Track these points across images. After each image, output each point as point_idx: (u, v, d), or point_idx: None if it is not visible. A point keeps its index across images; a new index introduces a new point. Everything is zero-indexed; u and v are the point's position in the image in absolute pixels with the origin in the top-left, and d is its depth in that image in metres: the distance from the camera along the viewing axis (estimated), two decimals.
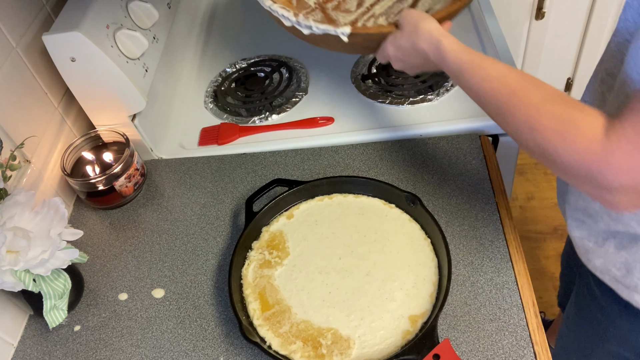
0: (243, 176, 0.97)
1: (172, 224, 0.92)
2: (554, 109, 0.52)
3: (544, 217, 1.87)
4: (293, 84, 1.13)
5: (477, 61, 0.62)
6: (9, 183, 0.82)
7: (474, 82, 0.62)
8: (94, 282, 0.86)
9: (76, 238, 0.79)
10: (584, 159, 0.49)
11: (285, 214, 0.85)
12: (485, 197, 0.85)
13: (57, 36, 0.84)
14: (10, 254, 0.71)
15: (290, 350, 0.69)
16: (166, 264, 0.87)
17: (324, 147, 0.99)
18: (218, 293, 0.82)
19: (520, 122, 0.55)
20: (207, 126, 1.07)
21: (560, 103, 0.52)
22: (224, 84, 1.16)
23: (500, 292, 0.74)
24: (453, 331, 0.72)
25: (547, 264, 1.75)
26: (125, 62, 0.92)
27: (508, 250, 0.78)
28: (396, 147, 0.96)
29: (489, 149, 0.94)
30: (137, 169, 0.95)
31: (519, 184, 1.97)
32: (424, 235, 0.78)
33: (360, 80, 1.09)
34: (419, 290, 0.72)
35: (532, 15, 1.77)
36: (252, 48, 1.23)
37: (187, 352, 0.76)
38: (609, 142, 0.48)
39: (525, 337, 0.70)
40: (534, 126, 0.53)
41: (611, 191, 0.49)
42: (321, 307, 0.73)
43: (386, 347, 0.68)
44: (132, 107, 0.95)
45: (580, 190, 0.53)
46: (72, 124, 1.01)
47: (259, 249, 0.81)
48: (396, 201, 0.83)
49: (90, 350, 0.78)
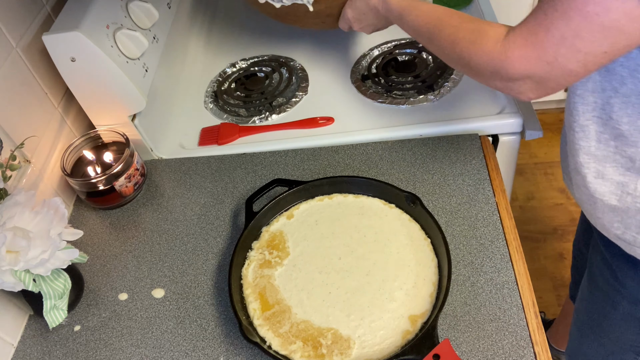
0: (243, 176, 0.97)
1: (172, 224, 0.92)
2: (468, 25, 0.66)
3: (544, 217, 1.87)
4: (293, 84, 1.13)
5: (414, 4, 0.78)
6: (9, 183, 0.82)
7: (411, 19, 0.78)
8: (94, 282, 0.86)
9: (76, 238, 0.79)
10: (490, 58, 0.61)
11: (285, 214, 0.85)
12: (485, 197, 0.85)
13: (57, 36, 0.84)
14: (10, 254, 0.71)
15: (290, 350, 0.69)
16: (166, 264, 0.87)
17: (324, 147, 0.99)
18: (218, 293, 0.82)
19: (443, 40, 0.70)
20: (207, 126, 1.07)
21: (474, 21, 0.66)
22: (224, 84, 1.16)
23: (500, 292, 0.74)
24: (453, 331, 0.72)
25: (547, 264, 1.75)
26: (125, 62, 0.92)
27: (508, 250, 0.78)
28: (396, 147, 0.96)
29: (489, 149, 0.94)
30: (137, 169, 0.95)
31: (519, 184, 1.97)
32: (424, 235, 0.78)
33: (360, 80, 1.09)
34: (419, 290, 0.72)
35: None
36: (252, 48, 1.23)
37: (187, 352, 0.76)
38: (507, 41, 0.60)
39: (525, 337, 0.70)
40: (454, 40, 0.68)
41: (514, 81, 0.60)
42: (321, 307, 0.73)
43: (386, 347, 0.68)
44: (132, 107, 0.95)
45: (494, 88, 0.65)
46: (72, 124, 1.01)
47: (259, 249, 0.81)
48: (396, 201, 0.83)
49: (90, 350, 0.78)
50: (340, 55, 1.17)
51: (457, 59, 0.68)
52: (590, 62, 0.56)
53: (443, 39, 0.70)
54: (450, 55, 0.70)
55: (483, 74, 0.64)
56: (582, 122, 0.69)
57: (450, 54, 0.69)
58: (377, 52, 1.14)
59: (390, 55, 1.12)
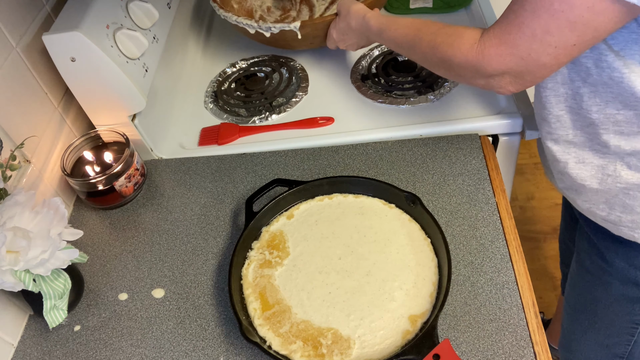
0: (243, 176, 0.97)
1: (172, 224, 0.92)
2: (445, 30, 0.72)
3: (544, 217, 1.87)
4: (293, 84, 1.13)
5: (392, 19, 0.85)
6: (9, 183, 0.82)
7: (390, 33, 0.84)
8: (94, 282, 0.86)
9: (76, 238, 0.79)
10: (467, 58, 0.67)
11: (285, 214, 0.85)
12: (485, 197, 0.85)
13: (57, 36, 0.84)
14: (10, 254, 0.71)
15: (291, 350, 0.69)
16: (166, 264, 0.87)
17: (324, 147, 0.99)
18: (218, 293, 0.82)
19: (424, 46, 0.75)
20: (207, 126, 1.07)
21: (450, 26, 0.72)
22: (224, 84, 1.16)
23: (500, 292, 0.74)
24: (453, 331, 0.72)
25: (547, 264, 1.75)
26: (125, 62, 0.92)
27: (508, 250, 0.78)
28: (396, 147, 0.96)
29: (489, 149, 0.94)
30: (137, 169, 0.95)
31: (518, 184, 1.97)
32: (424, 235, 0.78)
33: (360, 80, 1.09)
34: (419, 290, 0.72)
35: None
36: (252, 48, 1.23)
37: (187, 352, 0.76)
38: (482, 41, 0.65)
39: (525, 337, 0.70)
40: (433, 45, 0.73)
41: (492, 77, 0.66)
42: (321, 307, 0.73)
43: (386, 347, 0.68)
44: (132, 107, 0.95)
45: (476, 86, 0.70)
46: (72, 124, 1.01)
47: (259, 249, 0.81)
48: (396, 201, 0.83)
49: (90, 350, 0.78)
50: (340, 55, 1.17)
51: (438, 63, 0.73)
52: (561, 55, 0.61)
53: (423, 45, 0.75)
54: (432, 60, 0.75)
55: (464, 74, 0.70)
56: (556, 113, 0.73)
57: (432, 59, 0.74)
58: (377, 52, 1.14)
59: (390, 55, 1.12)
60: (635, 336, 0.89)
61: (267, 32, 1.06)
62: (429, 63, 0.77)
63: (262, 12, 1.27)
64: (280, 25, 1.04)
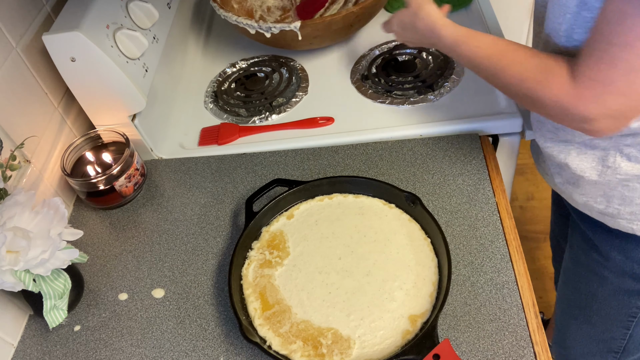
0: (243, 176, 0.97)
1: (172, 224, 0.92)
2: (534, 61, 0.66)
3: (544, 217, 1.87)
4: (293, 84, 1.13)
5: (470, 33, 0.75)
6: (9, 183, 0.82)
7: (468, 50, 0.74)
8: (94, 282, 0.86)
9: (76, 238, 0.79)
10: (560, 100, 0.62)
11: (285, 214, 0.85)
12: (485, 197, 0.85)
13: (57, 36, 0.84)
14: (10, 254, 0.71)
15: (291, 350, 0.69)
16: (166, 264, 0.87)
17: (324, 147, 0.99)
18: (218, 293, 0.82)
19: (509, 77, 0.68)
20: (207, 126, 1.07)
21: (537, 56, 0.66)
22: (224, 84, 1.16)
23: (500, 292, 0.74)
24: (453, 331, 0.72)
25: (547, 264, 1.75)
26: (125, 62, 0.92)
27: (508, 250, 0.78)
28: (396, 147, 0.96)
29: (489, 149, 0.94)
30: (137, 169, 0.95)
31: (518, 184, 1.97)
32: (423, 235, 0.78)
33: (360, 80, 1.09)
34: (419, 290, 0.72)
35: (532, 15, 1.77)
36: (252, 48, 1.23)
37: (187, 352, 0.76)
38: (575, 83, 0.60)
39: (525, 337, 0.70)
40: (521, 78, 0.67)
41: (588, 121, 0.61)
42: (321, 307, 0.73)
43: (386, 347, 0.68)
44: (132, 107, 0.95)
45: (565, 125, 0.66)
46: (72, 124, 1.01)
47: (259, 249, 0.81)
48: (396, 201, 0.83)
49: (90, 350, 0.78)
50: (340, 55, 1.17)
51: (523, 97, 0.68)
52: None
53: (510, 76, 0.68)
54: (517, 92, 0.69)
55: (551, 113, 0.65)
56: None
57: (517, 92, 0.69)
58: (377, 52, 1.14)
59: (390, 56, 1.12)
60: (630, 329, 0.89)
61: (267, 32, 1.06)
62: (511, 93, 0.71)
63: (262, 12, 1.27)
64: (281, 26, 1.04)
